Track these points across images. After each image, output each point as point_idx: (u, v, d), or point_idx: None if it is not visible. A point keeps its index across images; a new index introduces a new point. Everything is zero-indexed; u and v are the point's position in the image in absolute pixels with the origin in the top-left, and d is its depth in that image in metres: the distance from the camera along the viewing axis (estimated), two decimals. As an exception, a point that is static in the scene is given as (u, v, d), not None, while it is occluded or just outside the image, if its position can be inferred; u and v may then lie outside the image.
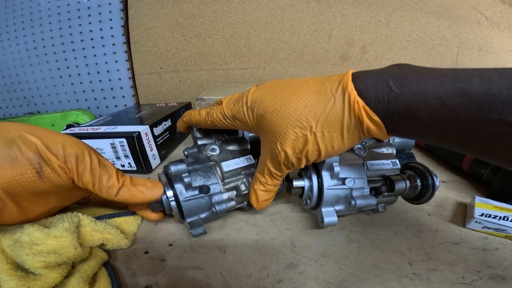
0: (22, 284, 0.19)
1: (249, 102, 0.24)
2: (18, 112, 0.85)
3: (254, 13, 0.70)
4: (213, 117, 0.27)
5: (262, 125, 0.24)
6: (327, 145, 0.21)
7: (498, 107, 0.15)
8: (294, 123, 0.21)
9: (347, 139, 0.21)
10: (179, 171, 0.26)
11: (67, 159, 0.22)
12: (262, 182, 0.26)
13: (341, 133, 0.21)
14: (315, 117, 0.21)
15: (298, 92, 0.22)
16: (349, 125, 0.20)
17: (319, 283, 0.23)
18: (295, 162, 0.23)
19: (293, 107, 0.21)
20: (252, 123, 0.25)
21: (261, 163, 0.26)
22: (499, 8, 0.68)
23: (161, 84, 0.77)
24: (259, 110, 0.23)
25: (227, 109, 0.26)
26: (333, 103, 0.20)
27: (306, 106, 0.21)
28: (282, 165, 0.24)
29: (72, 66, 0.76)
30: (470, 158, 0.38)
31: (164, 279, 0.23)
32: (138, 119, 0.50)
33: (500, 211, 0.28)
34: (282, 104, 0.22)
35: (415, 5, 0.67)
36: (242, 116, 0.25)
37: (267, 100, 0.23)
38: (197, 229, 0.27)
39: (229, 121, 0.26)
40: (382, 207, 0.30)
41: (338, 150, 0.22)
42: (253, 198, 0.27)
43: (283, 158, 0.23)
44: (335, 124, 0.20)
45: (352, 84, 0.20)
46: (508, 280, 0.23)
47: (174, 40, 0.73)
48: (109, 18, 0.71)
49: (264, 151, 0.25)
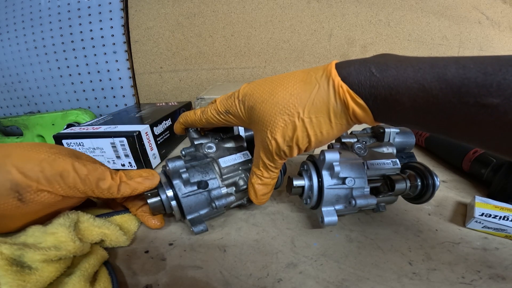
0: (18, 278, 0.19)
1: (241, 96, 0.25)
2: (18, 111, 0.85)
3: (255, 12, 0.70)
4: (208, 115, 0.28)
5: (252, 116, 0.24)
6: (316, 131, 0.22)
7: (474, 90, 0.16)
8: (282, 110, 0.22)
9: (335, 124, 0.21)
10: (176, 167, 0.27)
11: (50, 180, 0.22)
12: (258, 175, 0.27)
13: (328, 117, 0.21)
14: (302, 103, 0.21)
15: (285, 82, 0.23)
16: (335, 109, 0.21)
17: (319, 282, 0.23)
18: (287, 150, 0.23)
19: (280, 96, 0.22)
20: (244, 115, 0.25)
21: (256, 156, 0.27)
22: (500, 7, 0.68)
23: (162, 83, 0.77)
24: (249, 102, 0.24)
25: (221, 105, 0.27)
26: (318, 89, 0.21)
27: (292, 94, 0.22)
28: (274, 155, 0.24)
29: (72, 65, 0.76)
30: (471, 158, 0.38)
31: (164, 279, 0.23)
32: (138, 119, 0.50)
33: (500, 211, 0.28)
34: (270, 94, 0.23)
35: (416, 5, 0.67)
36: (235, 109, 0.26)
37: (256, 92, 0.24)
38: (198, 226, 0.27)
39: (222, 116, 0.27)
40: (382, 207, 0.30)
41: (327, 136, 0.22)
42: (251, 192, 0.28)
43: (274, 147, 0.23)
44: (321, 109, 0.21)
45: (335, 71, 0.21)
46: (508, 280, 0.23)
47: (174, 39, 0.73)
48: (109, 17, 0.71)
49: (257, 143, 0.26)
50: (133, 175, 0.27)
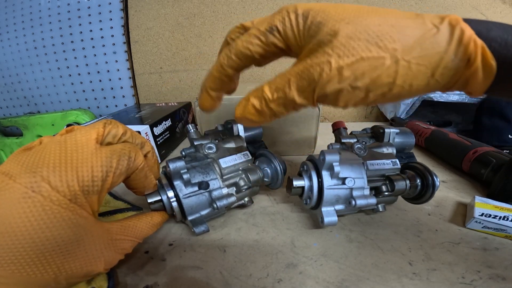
0: None
1: (301, 10, 0.18)
2: (18, 112, 0.85)
3: (254, 13, 0.70)
4: (239, 45, 0.20)
5: (316, 35, 0.17)
6: (406, 81, 0.16)
7: None
8: (372, 38, 0.16)
9: (435, 82, 0.16)
10: (177, 168, 0.27)
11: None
12: (264, 98, 0.19)
13: (433, 70, 0.16)
14: (405, 39, 0.16)
15: (381, 13, 0.17)
16: (447, 64, 0.16)
17: (319, 282, 0.23)
18: (347, 92, 0.17)
19: (374, 22, 0.16)
20: (300, 34, 0.18)
21: (282, 75, 0.18)
22: (500, 8, 0.68)
23: (161, 83, 0.77)
24: (317, 17, 0.18)
25: (263, 23, 0.19)
26: (435, 34, 0.16)
27: (394, 26, 0.16)
28: (318, 89, 0.17)
29: (72, 66, 0.76)
30: (470, 158, 0.38)
31: (164, 279, 0.23)
32: (138, 119, 0.50)
33: (500, 211, 0.28)
34: (357, 15, 0.17)
35: (415, 5, 0.67)
36: (287, 25, 0.19)
37: (332, 10, 0.18)
38: (199, 227, 0.27)
39: (263, 38, 0.19)
40: (382, 207, 0.30)
41: (412, 93, 0.17)
42: (239, 106, 0.20)
43: (329, 78, 0.16)
44: (430, 56, 0.16)
45: (464, 22, 0.16)
46: (508, 280, 0.23)
47: (174, 39, 0.73)
48: (109, 18, 0.71)
49: (297, 65, 0.18)
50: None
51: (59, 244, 0.17)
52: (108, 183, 0.20)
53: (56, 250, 0.17)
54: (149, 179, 0.25)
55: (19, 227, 0.16)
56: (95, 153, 0.20)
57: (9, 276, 0.16)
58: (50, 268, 0.17)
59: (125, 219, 0.24)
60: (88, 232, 0.19)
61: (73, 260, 0.18)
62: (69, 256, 0.18)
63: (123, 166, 0.21)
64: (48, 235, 0.17)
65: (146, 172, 0.24)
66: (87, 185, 0.19)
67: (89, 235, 0.19)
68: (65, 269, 0.18)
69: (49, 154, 0.18)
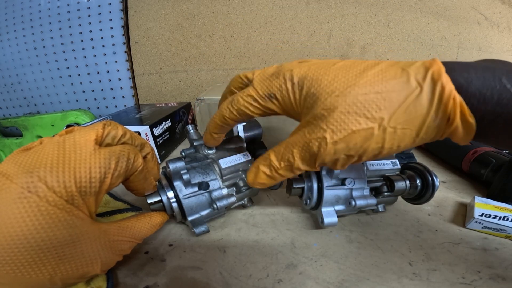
0: None
1: (296, 78, 0.20)
2: (18, 112, 0.85)
3: (254, 13, 0.70)
4: (240, 104, 0.22)
5: (312, 107, 0.19)
6: (394, 144, 0.17)
7: None
8: (360, 110, 0.17)
9: (420, 140, 0.17)
10: (177, 168, 0.27)
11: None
12: (272, 166, 0.21)
13: (418, 131, 0.17)
14: (390, 107, 0.16)
15: (368, 75, 0.18)
16: (430, 124, 0.16)
17: (319, 283, 0.23)
18: (342, 160, 0.19)
19: (361, 91, 0.17)
20: (296, 103, 0.20)
21: (286, 145, 0.21)
22: (499, 8, 0.68)
23: (161, 84, 0.77)
24: (311, 89, 0.19)
25: (262, 87, 0.21)
26: (418, 94, 0.16)
27: (379, 92, 0.17)
28: (318, 160, 0.19)
29: (72, 66, 0.76)
30: (470, 158, 0.38)
31: (164, 279, 0.23)
32: (138, 120, 0.50)
33: (500, 211, 0.28)
34: (346, 85, 0.18)
35: (415, 5, 0.67)
36: (285, 94, 0.20)
37: (323, 78, 0.19)
38: (199, 227, 0.27)
39: (262, 102, 0.21)
40: (382, 207, 0.30)
41: (400, 150, 0.18)
42: (251, 174, 0.23)
43: (326, 152, 0.18)
44: (414, 120, 0.16)
45: (446, 75, 0.16)
46: (508, 280, 0.23)
47: (174, 40, 0.73)
48: (109, 18, 0.71)
49: (298, 136, 0.20)
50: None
51: (55, 245, 0.17)
52: (106, 184, 0.20)
53: (51, 251, 0.17)
54: (148, 181, 0.25)
55: (14, 227, 0.16)
56: (93, 154, 0.20)
57: (3, 276, 0.16)
58: (45, 269, 0.17)
59: (124, 220, 0.24)
60: (84, 233, 0.19)
61: (68, 261, 0.18)
62: (64, 257, 0.18)
63: (122, 167, 0.21)
64: (43, 235, 0.17)
65: (145, 174, 0.24)
66: (84, 186, 0.19)
67: (86, 236, 0.19)
68: (60, 270, 0.18)
69: (47, 154, 0.18)
